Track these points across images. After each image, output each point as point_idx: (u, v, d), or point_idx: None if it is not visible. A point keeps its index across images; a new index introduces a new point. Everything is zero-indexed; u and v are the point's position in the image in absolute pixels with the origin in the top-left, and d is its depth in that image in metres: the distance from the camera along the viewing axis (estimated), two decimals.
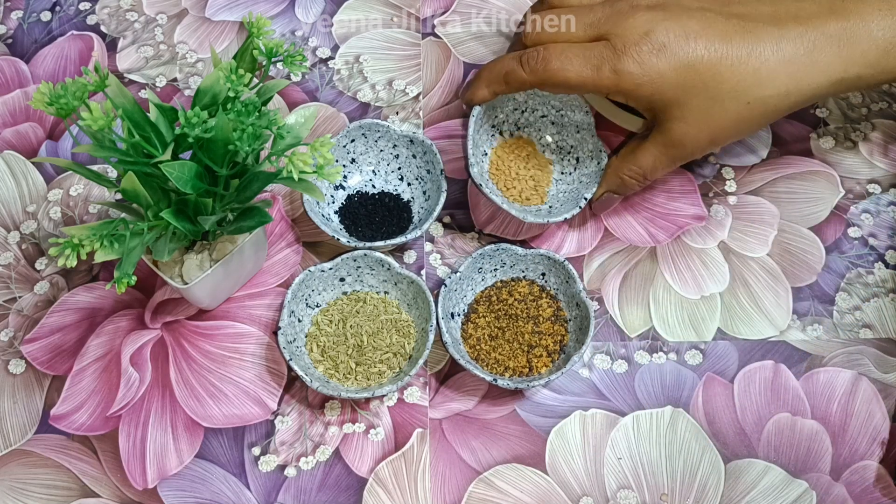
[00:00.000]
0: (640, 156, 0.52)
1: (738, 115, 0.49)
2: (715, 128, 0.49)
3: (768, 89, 0.48)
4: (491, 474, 0.50)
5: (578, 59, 0.49)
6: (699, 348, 0.54)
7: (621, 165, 0.53)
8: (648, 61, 0.48)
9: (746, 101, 0.48)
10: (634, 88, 0.48)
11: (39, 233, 0.58)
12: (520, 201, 0.57)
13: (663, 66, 0.48)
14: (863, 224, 0.59)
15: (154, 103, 0.44)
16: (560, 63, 0.49)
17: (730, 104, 0.48)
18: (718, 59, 0.48)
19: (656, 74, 0.48)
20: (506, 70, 0.51)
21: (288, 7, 0.69)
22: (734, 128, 0.50)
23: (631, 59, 0.48)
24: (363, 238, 0.55)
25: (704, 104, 0.48)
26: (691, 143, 0.50)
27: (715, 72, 0.48)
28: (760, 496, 0.49)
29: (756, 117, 0.49)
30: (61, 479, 0.50)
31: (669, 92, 0.48)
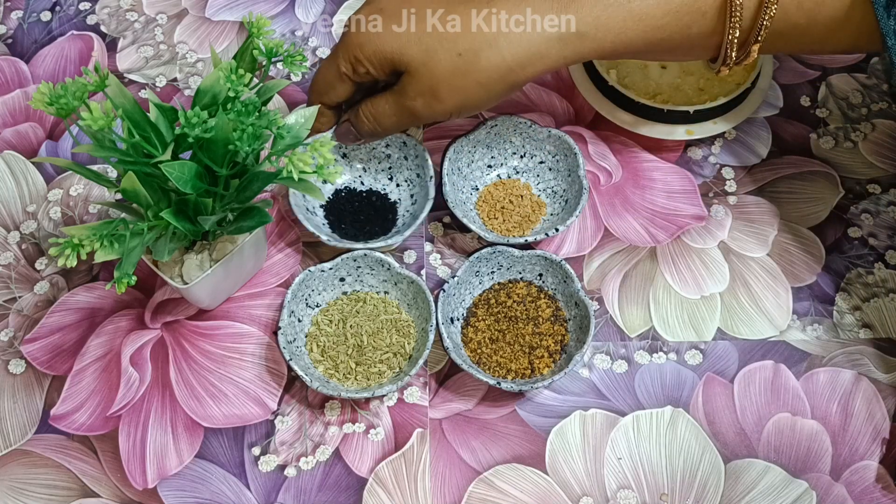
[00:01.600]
0: (377, 100, 0.52)
1: (452, 68, 0.48)
2: (433, 80, 0.49)
3: (477, 41, 0.48)
4: (491, 474, 0.50)
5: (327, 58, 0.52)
6: (699, 348, 0.54)
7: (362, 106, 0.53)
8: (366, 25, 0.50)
9: (457, 52, 0.48)
10: (359, 51, 0.50)
11: (39, 233, 0.58)
12: (500, 231, 0.57)
13: (381, 25, 0.49)
14: (863, 224, 0.59)
15: (154, 103, 0.44)
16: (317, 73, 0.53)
17: (442, 55, 0.48)
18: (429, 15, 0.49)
19: (375, 34, 0.49)
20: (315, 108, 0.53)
21: (288, 7, 0.69)
22: (452, 82, 0.49)
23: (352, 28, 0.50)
24: (346, 236, 0.55)
25: (420, 56, 0.49)
26: (415, 94, 0.50)
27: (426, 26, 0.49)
28: (760, 496, 0.49)
29: (472, 73, 0.49)
30: (61, 479, 0.50)
31: (389, 46, 0.49)
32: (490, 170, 0.59)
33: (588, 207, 0.59)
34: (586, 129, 0.62)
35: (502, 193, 0.58)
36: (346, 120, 0.54)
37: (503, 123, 0.58)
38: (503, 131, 0.59)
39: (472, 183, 0.59)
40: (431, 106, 0.50)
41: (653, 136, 0.60)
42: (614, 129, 0.62)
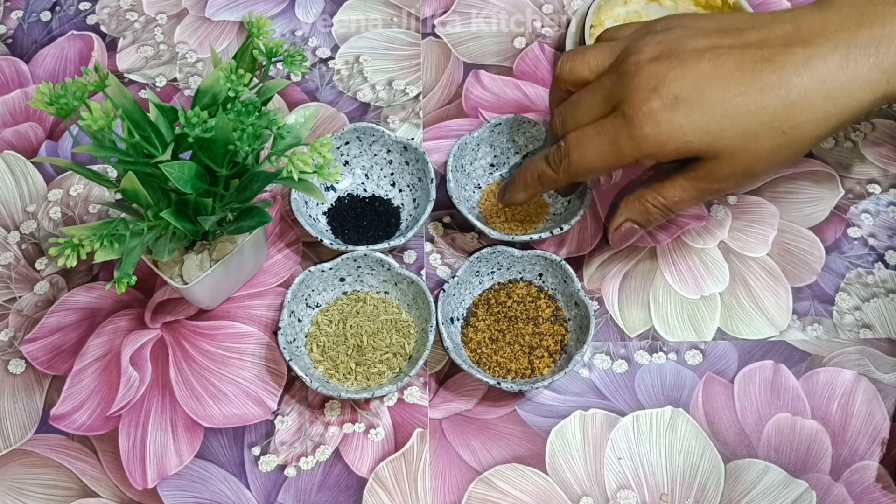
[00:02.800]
0: (668, 187, 0.47)
1: (774, 147, 0.44)
2: (750, 162, 0.45)
3: (804, 115, 0.44)
4: (491, 474, 0.50)
5: (594, 140, 0.46)
6: (699, 348, 0.54)
7: (646, 194, 0.48)
8: (664, 118, 0.44)
9: (782, 131, 0.44)
10: (658, 150, 0.44)
11: (39, 233, 0.58)
12: (501, 230, 0.56)
13: (681, 119, 0.44)
14: (863, 224, 0.59)
15: (154, 103, 0.44)
16: (579, 153, 0.46)
17: (764, 138, 0.44)
18: (741, 97, 0.43)
19: (676, 130, 0.44)
20: (538, 172, 0.50)
21: (288, 7, 0.69)
22: (770, 159, 0.45)
23: (645, 121, 0.44)
24: (349, 241, 0.55)
25: (737, 142, 0.44)
26: (725, 178, 0.46)
27: (742, 111, 0.43)
28: (760, 496, 0.49)
29: (795, 146, 0.45)
30: (61, 479, 0.50)
31: (696, 142, 0.44)
32: (493, 169, 0.59)
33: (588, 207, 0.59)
34: None
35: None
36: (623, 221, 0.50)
37: (507, 123, 0.58)
38: (506, 130, 0.59)
39: (475, 181, 0.59)
40: (742, 184, 0.47)
41: None
42: None
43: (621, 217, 0.50)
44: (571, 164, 0.47)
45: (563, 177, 0.48)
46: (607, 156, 0.46)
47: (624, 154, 0.45)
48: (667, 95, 0.44)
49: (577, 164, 0.47)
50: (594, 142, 0.46)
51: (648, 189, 0.48)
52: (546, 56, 0.66)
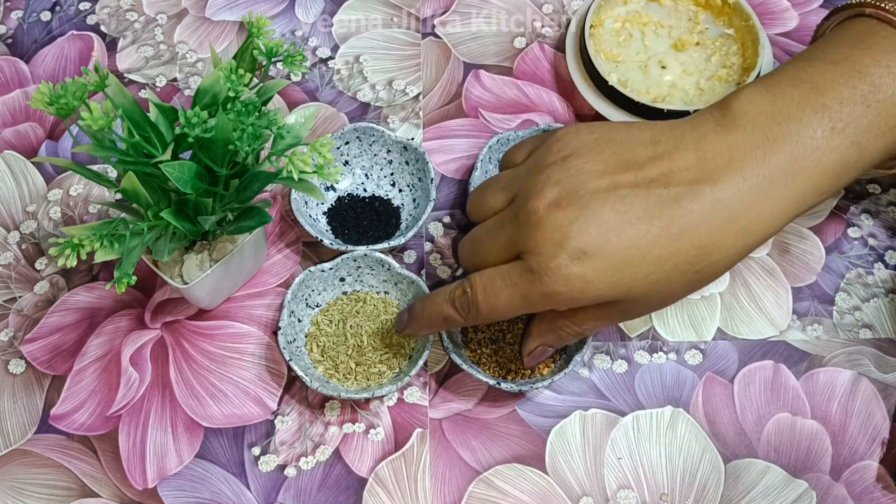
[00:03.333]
0: (582, 317, 0.45)
1: (687, 285, 0.43)
2: (662, 300, 0.44)
3: (716, 254, 0.42)
4: (491, 474, 0.50)
5: (503, 292, 0.44)
6: (699, 348, 0.54)
7: (559, 321, 0.47)
8: (574, 274, 0.41)
9: (694, 271, 0.42)
10: (569, 303, 0.43)
11: (39, 233, 0.58)
12: None
13: (590, 274, 0.41)
14: (863, 224, 0.59)
15: (154, 103, 0.44)
16: (488, 303, 0.44)
17: (676, 279, 0.42)
18: (649, 245, 0.41)
19: (587, 284, 0.42)
20: (443, 315, 0.47)
21: (288, 7, 0.69)
22: (683, 294, 0.44)
23: (554, 279, 0.42)
24: (349, 241, 0.55)
25: (648, 287, 0.42)
26: (639, 313, 0.45)
27: (650, 259, 0.41)
28: (760, 496, 0.49)
29: (707, 280, 0.43)
30: (61, 479, 0.50)
31: (608, 293, 0.42)
32: None
33: None
34: None
35: None
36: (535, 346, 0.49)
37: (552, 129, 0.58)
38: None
39: None
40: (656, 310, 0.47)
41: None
42: None
43: (535, 342, 0.48)
44: (480, 313, 0.45)
45: (471, 322, 0.46)
46: (517, 307, 0.44)
47: (535, 307, 0.44)
48: (573, 250, 0.41)
49: (486, 313, 0.45)
50: (503, 293, 0.44)
51: (561, 318, 0.46)
52: (546, 56, 0.66)
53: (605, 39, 0.64)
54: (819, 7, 0.69)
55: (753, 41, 0.62)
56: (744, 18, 0.63)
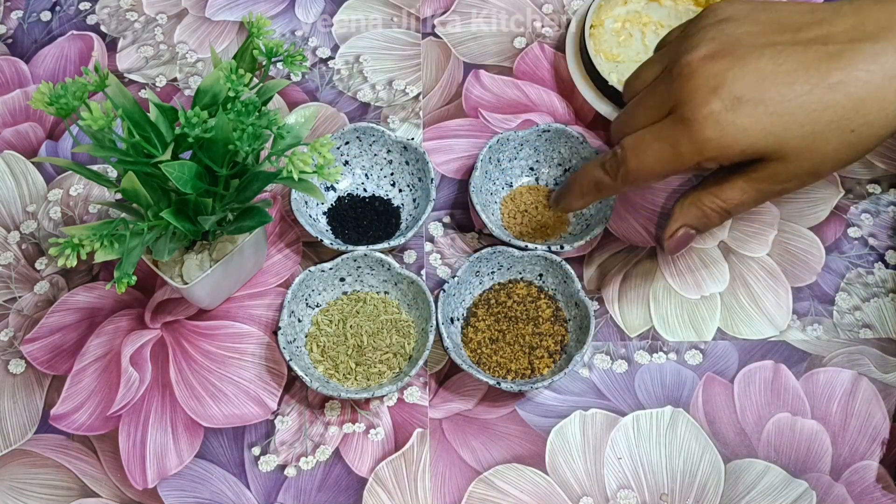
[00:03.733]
0: (728, 189, 0.45)
1: (842, 145, 0.42)
2: (816, 162, 0.43)
3: (874, 112, 0.41)
4: (491, 474, 0.50)
5: (653, 146, 0.43)
6: (699, 348, 0.54)
7: (703, 197, 0.46)
8: (726, 120, 0.41)
9: (850, 129, 0.41)
10: (721, 153, 0.42)
11: (39, 233, 0.58)
12: (514, 233, 0.57)
13: (744, 120, 0.41)
14: (863, 224, 0.59)
15: (154, 103, 0.44)
16: (637, 159, 0.44)
17: (832, 136, 0.41)
18: (808, 95, 0.41)
19: (740, 131, 0.41)
20: (595, 180, 0.47)
21: (288, 7, 0.69)
22: (837, 157, 0.43)
23: (706, 124, 0.41)
24: (349, 241, 0.55)
25: (804, 143, 0.42)
26: (789, 179, 0.44)
27: (809, 109, 0.41)
28: (760, 496, 0.49)
29: (863, 143, 0.42)
30: (61, 479, 0.50)
31: (761, 143, 0.42)
32: (532, 172, 0.59)
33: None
34: (586, 129, 0.62)
35: (532, 198, 0.58)
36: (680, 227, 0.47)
37: (555, 132, 0.58)
38: (553, 139, 0.58)
39: (508, 179, 0.59)
40: (806, 183, 0.44)
41: None
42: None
43: (677, 223, 0.47)
44: (630, 172, 0.44)
45: (621, 184, 0.45)
46: (667, 161, 0.43)
47: (685, 159, 0.43)
48: (727, 96, 0.41)
49: (635, 170, 0.44)
50: (653, 147, 0.43)
51: (705, 192, 0.46)
52: (546, 56, 0.66)
53: (605, 39, 0.64)
54: None
55: None
56: None
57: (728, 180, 0.45)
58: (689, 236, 0.47)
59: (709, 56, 0.43)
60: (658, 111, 0.45)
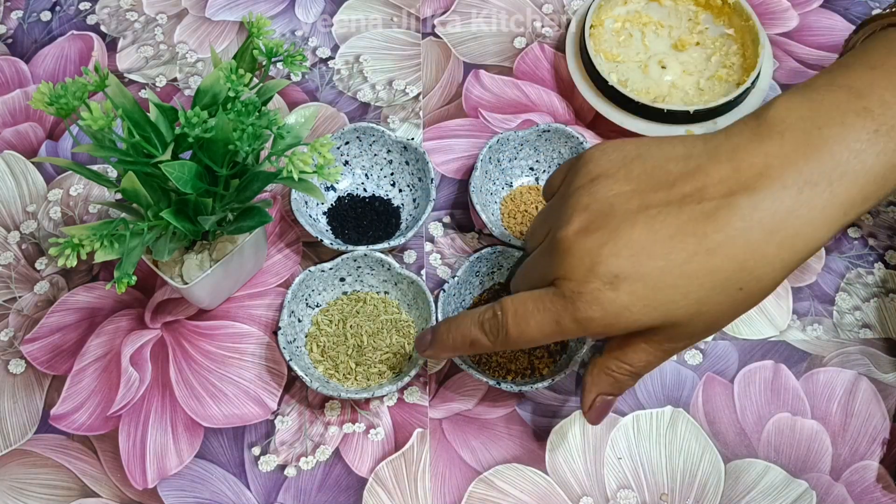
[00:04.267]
0: (631, 353, 0.43)
1: (733, 302, 0.40)
2: (710, 322, 0.41)
3: (759, 269, 0.39)
4: (491, 474, 0.50)
5: (535, 317, 0.42)
6: (699, 348, 0.54)
7: (610, 363, 0.44)
8: (607, 300, 0.39)
9: (738, 287, 0.39)
10: (605, 330, 0.41)
11: (39, 233, 0.58)
12: (513, 232, 0.57)
13: (625, 299, 0.39)
14: (863, 224, 0.59)
15: (154, 103, 0.44)
16: (518, 328, 0.42)
17: (719, 297, 0.40)
18: (686, 265, 0.39)
19: (622, 310, 0.39)
20: (471, 338, 0.44)
21: (288, 7, 0.69)
22: (732, 312, 0.41)
23: (586, 304, 0.40)
24: (349, 241, 0.55)
25: (690, 309, 0.40)
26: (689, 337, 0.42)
27: (690, 278, 0.39)
28: (760, 496, 0.49)
29: (755, 296, 0.40)
30: (61, 479, 0.50)
31: (645, 318, 0.40)
32: (532, 172, 0.59)
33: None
34: (586, 129, 0.62)
35: (532, 198, 0.58)
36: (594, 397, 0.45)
37: (555, 132, 0.58)
38: (553, 139, 0.58)
39: (508, 179, 0.59)
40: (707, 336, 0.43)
41: (653, 135, 0.60)
42: (614, 129, 0.62)
43: (591, 393, 0.45)
44: (510, 337, 0.43)
45: (499, 347, 0.44)
46: (550, 333, 0.42)
47: (568, 334, 0.41)
48: (606, 275, 0.39)
49: (516, 337, 0.43)
50: (535, 318, 0.42)
51: (611, 358, 0.44)
52: (546, 56, 0.66)
53: (605, 39, 0.64)
54: (819, 7, 0.69)
55: (753, 41, 0.62)
56: (744, 18, 0.63)
57: (630, 343, 0.43)
58: (608, 402, 0.46)
59: (583, 230, 0.41)
60: (541, 281, 0.43)
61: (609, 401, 0.45)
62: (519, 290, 0.45)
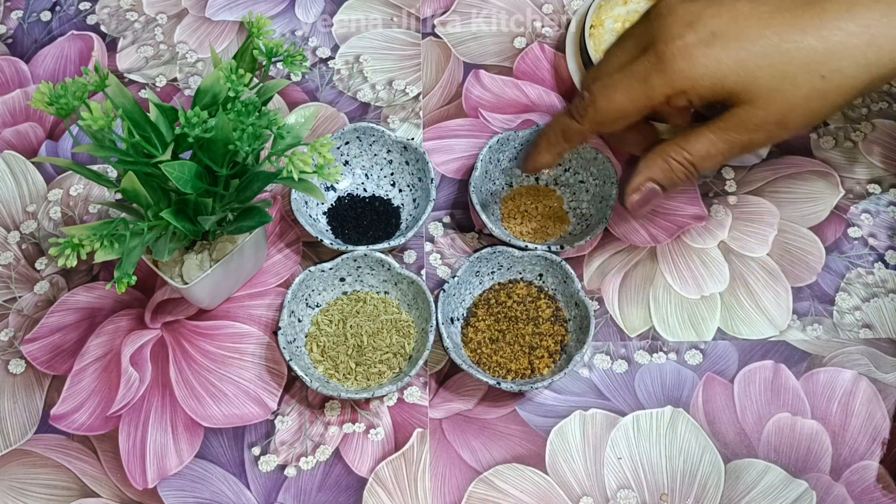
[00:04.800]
0: (694, 140, 0.44)
1: (812, 92, 0.42)
2: (785, 109, 0.42)
3: (845, 60, 0.41)
4: (491, 474, 0.50)
5: (622, 83, 0.43)
6: (699, 348, 0.54)
7: (669, 149, 0.45)
8: (700, 52, 0.41)
9: (821, 74, 0.41)
10: (691, 85, 0.42)
11: (39, 233, 0.58)
12: (513, 232, 0.57)
13: (718, 53, 0.41)
14: (863, 224, 0.59)
15: (154, 103, 0.44)
16: (605, 98, 0.43)
17: (802, 80, 0.41)
18: (780, 35, 0.41)
19: (712, 63, 0.41)
20: (562, 127, 0.46)
21: (288, 7, 0.69)
22: (807, 107, 0.42)
23: (678, 55, 0.41)
24: (348, 241, 0.55)
25: (773, 83, 0.41)
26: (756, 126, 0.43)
27: (781, 49, 0.41)
28: (760, 496, 0.49)
29: (832, 93, 0.42)
30: (61, 479, 0.50)
31: (732, 78, 0.41)
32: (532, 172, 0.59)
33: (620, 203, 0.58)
34: None
35: (532, 198, 0.58)
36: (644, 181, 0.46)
37: None
38: None
39: (508, 179, 0.59)
40: (774, 136, 0.44)
41: None
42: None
43: (641, 176, 0.45)
44: (598, 111, 0.43)
45: (588, 126, 0.44)
46: (637, 96, 0.42)
47: (655, 93, 0.42)
48: (703, 30, 0.41)
49: (604, 109, 0.43)
50: (622, 84, 0.43)
51: (672, 144, 0.45)
52: (546, 56, 0.66)
53: (605, 39, 0.64)
54: None
55: None
56: None
57: (695, 131, 0.44)
58: (654, 192, 0.46)
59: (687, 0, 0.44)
60: (632, 54, 0.44)
61: (655, 190, 0.46)
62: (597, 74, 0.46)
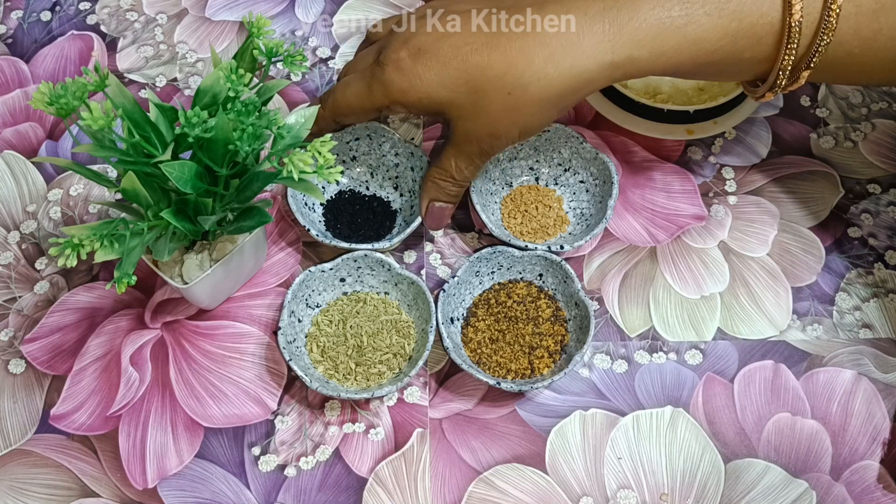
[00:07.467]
0: (444, 159, 0.51)
1: (505, 107, 0.46)
2: (489, 120, 0.47)
3: (526, 75, 0.45)
4: (491, 474, 0.50)
5: (354, 83, 0.50)
6: (699, 348, 0.54)
7: (432, 172, 0.52)
8: (407, 67, 0.47)
9: (507, 91, 0.46)
10: (401, 96, 0.48)
11: (39, 233, 0.58)
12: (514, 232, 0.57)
13: (421, 69, 0.47)
14: (863, 224, 0.59)
15: (154, 103, 0.44)
16: (342, 92, 0.51)
17: (493, 95, 0.46)
18: (473, 53, 0.46)
19: (416, 79, 0.47)
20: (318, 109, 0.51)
21: (288, 7, 0.69)
22: (509, 119, 0.47)
23: (392, 68, 0.48)
24: (339, 236, 0.55)
25: (470, 99, 0.47)
26: (476, 138, 0.49)
27: (471, 66, 0.46)
28: (760, 496, 0.49)
29: (523, 108, 0.46)
30: (61, 479, 0.50)
31: (433, 94, 0.47)
32: (532, 172, 0.59)
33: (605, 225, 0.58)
34: (586, 128, 0.62)
35: (532, 198, 0.58)
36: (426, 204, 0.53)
37: (556, 132, 0.58)
38: (554, 139, 0.58)
39: (508, 179, 0.59)
40: (494, 144, 0.49)
41: (653, 135, 0.60)
42: (614, 129, 0.62)
43: (424, 200, 0.53)
44: (335, 102, 0.51)
45: (328, 113, 0.51)
46: (363, 98, 0.49)
47: (375, 97, 0.49)
48: (413, 47, 0.47)
49: (338, 102, 0.51)
50: (353, 85, 0.50)
51: (433, 167, 0.52)
52: None
53: None
54: None
55: None
56: None
57: (444, 150, 0.51)
58: (440, 209, 0.53)
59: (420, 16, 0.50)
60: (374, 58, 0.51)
61: (442, 207, 0.53)
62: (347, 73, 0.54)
